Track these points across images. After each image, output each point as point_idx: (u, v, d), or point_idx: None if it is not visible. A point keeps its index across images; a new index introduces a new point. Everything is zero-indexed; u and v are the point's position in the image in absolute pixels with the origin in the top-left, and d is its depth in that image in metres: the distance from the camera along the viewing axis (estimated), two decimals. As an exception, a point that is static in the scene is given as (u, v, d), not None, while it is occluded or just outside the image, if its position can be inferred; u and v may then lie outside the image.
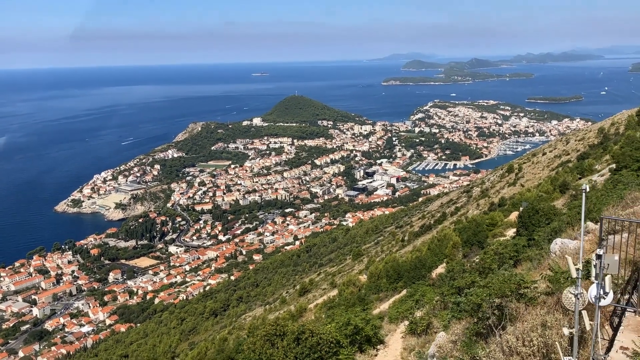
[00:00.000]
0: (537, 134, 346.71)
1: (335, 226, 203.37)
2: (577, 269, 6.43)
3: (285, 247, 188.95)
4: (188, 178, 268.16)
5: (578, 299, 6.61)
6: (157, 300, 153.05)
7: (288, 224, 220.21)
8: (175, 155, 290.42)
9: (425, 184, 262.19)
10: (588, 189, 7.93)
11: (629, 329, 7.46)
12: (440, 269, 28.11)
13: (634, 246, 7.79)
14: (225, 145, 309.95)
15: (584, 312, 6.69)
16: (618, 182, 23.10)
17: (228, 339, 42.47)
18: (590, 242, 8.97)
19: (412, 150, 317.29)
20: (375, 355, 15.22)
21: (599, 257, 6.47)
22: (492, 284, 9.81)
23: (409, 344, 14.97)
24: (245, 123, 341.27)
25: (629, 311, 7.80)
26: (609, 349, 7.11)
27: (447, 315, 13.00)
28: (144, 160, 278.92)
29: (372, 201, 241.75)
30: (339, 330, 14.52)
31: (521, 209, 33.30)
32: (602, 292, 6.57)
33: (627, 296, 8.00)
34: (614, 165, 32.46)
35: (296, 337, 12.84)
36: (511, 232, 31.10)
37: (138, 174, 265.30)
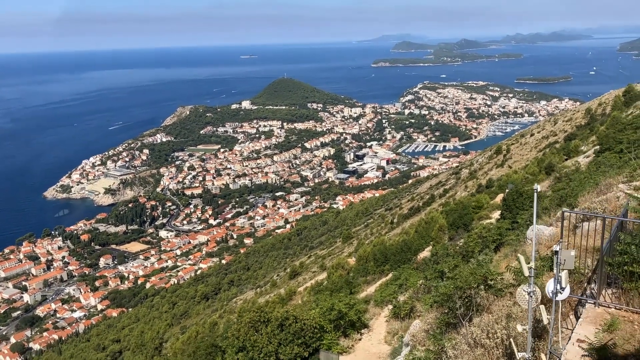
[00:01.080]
0: (526, 115, 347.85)
1: (325, 209, 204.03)
2: (530, 268, 6.56)
3: (276, 231, 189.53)
4: (177, 162, 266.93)
5: (531, 296, 6.74)
6: (148, 285, 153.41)
7: (279, 208, 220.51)
8: (164, 139, 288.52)
9: (415, 165, 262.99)
10: (539, 189, 8.09)
11: (587, 321, 7.61)
12: (427, 252, 28.44)
13: (601, 236, 7.94)
14: (214, 129, 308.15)
15: (542, 307, 6.84)
16: (601, 165, 23.41)
17: (218, 323, 42.79)
18: (565, 229, 9.12)
19: (402, 133, 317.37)
20: (360, 339, 15.48)
21: (555, 252, 6.61)
22: (459, 275, 10.00)
23: (393, 327, 15.23)
24: (234, 106, 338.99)
25: (589, 303, 7.95)
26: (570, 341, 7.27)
27: (430, 299, 13.23)
28: (132, 145, 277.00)
29: (362, 184, 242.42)
30: (322, 316, 14.72)
31: (507, 191, 33.61)
32: (559, 287, 6.71)
33: (593, 285, 8.15)
34: (597, 147, 32.79)
35: (280, 324, 13.02)
36: (497, 214, 31.45)
37: (127, 159, 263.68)
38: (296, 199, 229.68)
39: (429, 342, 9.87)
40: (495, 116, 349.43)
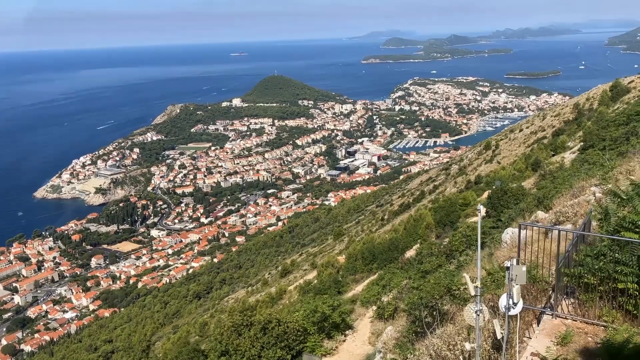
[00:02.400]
0: (516, 110, 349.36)
1: (317, 206, 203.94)
2: (475, 287, 6.64)
3: (268, 228, 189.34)
4: (168, 161, 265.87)
5: (478, 315, 6.81)
6: (140, 285, 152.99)
7: (270, 205, 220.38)
8: (155, 138, 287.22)
9: (406, 161, 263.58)
10: (483, 211, 8.26)
11: (544, 333, 7.67)
12: (414, 250, 28.65)
13: (557, 248, 7.97)
14: (205, 127, 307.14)
15: (496, 321, 6.93)
16: (584, 162, 23.67)
17: (209, 323, 42.86)
18: (537, 233, 9.26)
19: (393, 129, 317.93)
20: (344, 340, 15.62)
21: (507, 268, 6.72)
22: (424, 286, 10.14)
23: (377, 328, 15.38)
24: (224, 104, 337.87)
25: (547, 314, 8.03)
26: None
27: (410, 300, 13.36)
28: (122, 144, 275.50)
29: (353, 180, 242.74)
30: (306, 319, 14.85)
31: (494, 187, 33.89)
32: (511, 302, 6.80)
33: (553, 295, 8.21)
34: (581, 144, 33.10)
35: (263, 327, 13.12)
36: (483, 212, 31.62)
37: (117, 158, 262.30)
38: (288, 196, 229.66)
39: (396, 351, 10.01)
40: (485, 111, 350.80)
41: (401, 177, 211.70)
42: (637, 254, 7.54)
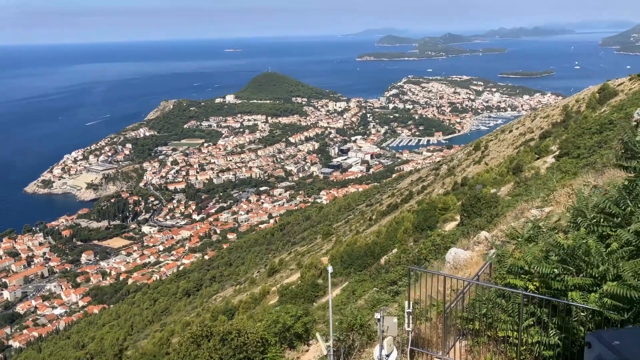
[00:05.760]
0: (509, 109, 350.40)
1: (309, 204, 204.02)
2: (328, 346, 6.77)
3: (260, 226, 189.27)
4: (160, 157, 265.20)
5: None
6: (130, 281, 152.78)
7: (262, 203, 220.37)
8: (147, 133, 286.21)
9: (399, 160, 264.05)
10: (331, 270, 8.52)
11: None
12: (390, 255, 28.88)
13: (443, 294, 7.88)
14: (198, 123, 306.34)
15: None
16: (556, 171, 23.96)
17: (191, 323, 42.94)
18: (478, 254, 9.43)
19: (386, 127, 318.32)
20: (307, 350, 15.78)
21: (377, 320, 6.84)
22: (345, 316, 10.30)
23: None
24: (218, 100, 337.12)
25: (437, 357, 8.04)
26: None
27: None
28: (115, 139, 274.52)
29: (346, 178, 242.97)
30: (267, 329, 15.04)
31: (474, 192, 34.11)
32: (384, 354, 6.91)
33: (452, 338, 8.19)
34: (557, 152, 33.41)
35: (222, 338, 13.30)
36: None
37: (109, 154, 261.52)
38: (280, 194, 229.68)
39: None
40: (479, 110, 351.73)
41: (393, 175, 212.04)
42: (518, 302, 7.49)
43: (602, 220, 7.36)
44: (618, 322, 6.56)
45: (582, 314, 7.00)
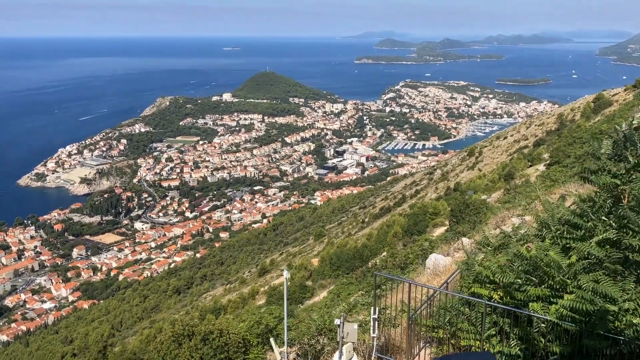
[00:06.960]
0: (505, 116, 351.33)
1: (303, 205, 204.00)
2: (281, 352, 6.81)
3: (253, 225, 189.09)
4: (155, 153, 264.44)
5: None
6: (121, 277, 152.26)
7: (256, 202, 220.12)
8: (143, 129, 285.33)
9: (394, 163, 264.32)
10: (287, 276, 8.51)
11: None
12: (377, 259, 28.93)
13: (408, 300, 7.90)
14: (194, 120, 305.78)
15: None
16: (546, 179, 24.11)
17: (176, 323, 42.83)
18: (458, 260, 9.48)
19: (383, 130, 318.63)
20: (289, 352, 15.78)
21: (338, 326, 6.87)
22: (314, 320, 10.34)
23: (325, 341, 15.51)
24: (214, 98, 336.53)
25: None
26: None
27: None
28: (110, 135, 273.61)
29: (341, 180, 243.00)
30: (250, 330, 15.06)
31: (466, 197, 34.23)
32: None
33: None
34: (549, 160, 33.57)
35: (204, 337, 13.31)
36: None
37: (104, 149, 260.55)
38: (274, 194, 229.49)
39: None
40: (475, 116, 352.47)
41: (388, 179, 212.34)
42: (481, 311, 7.56)
43: (565, 232, 7.46)
44: (577, 332, 6.65)
45: (542, 325, 7.08)
